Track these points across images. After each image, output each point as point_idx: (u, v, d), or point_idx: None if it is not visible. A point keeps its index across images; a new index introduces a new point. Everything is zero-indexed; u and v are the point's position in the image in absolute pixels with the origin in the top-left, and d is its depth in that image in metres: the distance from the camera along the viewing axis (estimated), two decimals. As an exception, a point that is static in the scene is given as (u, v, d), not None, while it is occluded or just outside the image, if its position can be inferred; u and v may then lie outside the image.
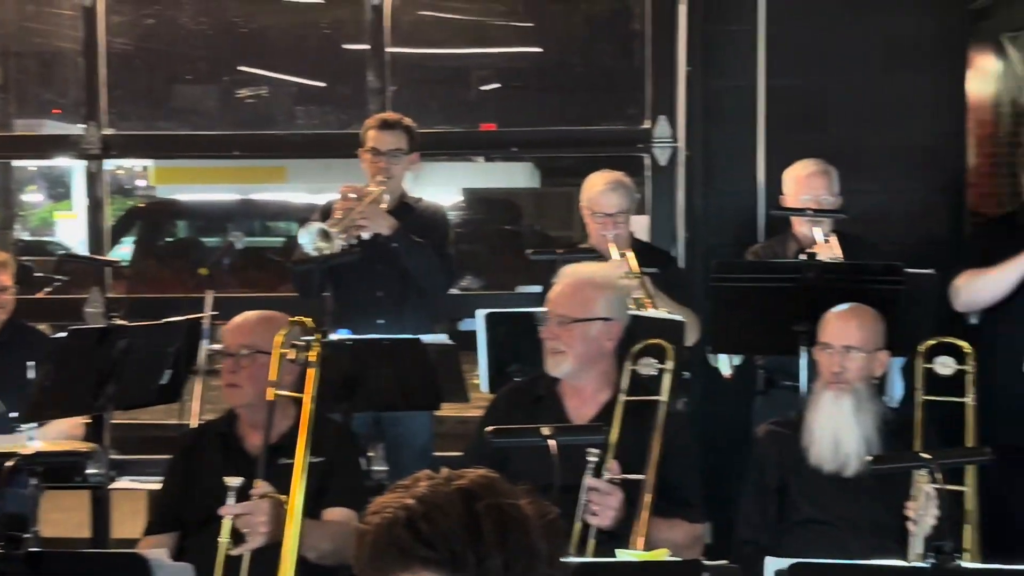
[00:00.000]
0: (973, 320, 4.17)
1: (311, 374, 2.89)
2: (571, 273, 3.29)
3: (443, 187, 12.68)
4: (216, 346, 3.55)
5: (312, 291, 4.13)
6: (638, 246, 4.18)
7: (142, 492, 3.92)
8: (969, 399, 3.26)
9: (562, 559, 1.58)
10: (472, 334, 3.91)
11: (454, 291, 4.89)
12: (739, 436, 4.21)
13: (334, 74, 5.52)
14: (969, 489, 3.05)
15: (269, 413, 2.85)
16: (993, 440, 3.38)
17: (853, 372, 3.16)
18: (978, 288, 3.93)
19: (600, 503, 2.87)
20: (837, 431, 3.13)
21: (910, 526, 2.92)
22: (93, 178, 5.26)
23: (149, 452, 4.34)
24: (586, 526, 2.88)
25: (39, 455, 3.88)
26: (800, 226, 4.10)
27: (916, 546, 2.87)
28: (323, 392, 3.28)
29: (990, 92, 8.84)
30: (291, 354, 2.97)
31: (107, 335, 3.64)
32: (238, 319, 3.20)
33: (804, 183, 4.18)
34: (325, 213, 4.15)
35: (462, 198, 12.87)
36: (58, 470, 3.94)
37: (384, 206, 4.09)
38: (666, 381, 3.10)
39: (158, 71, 5.36)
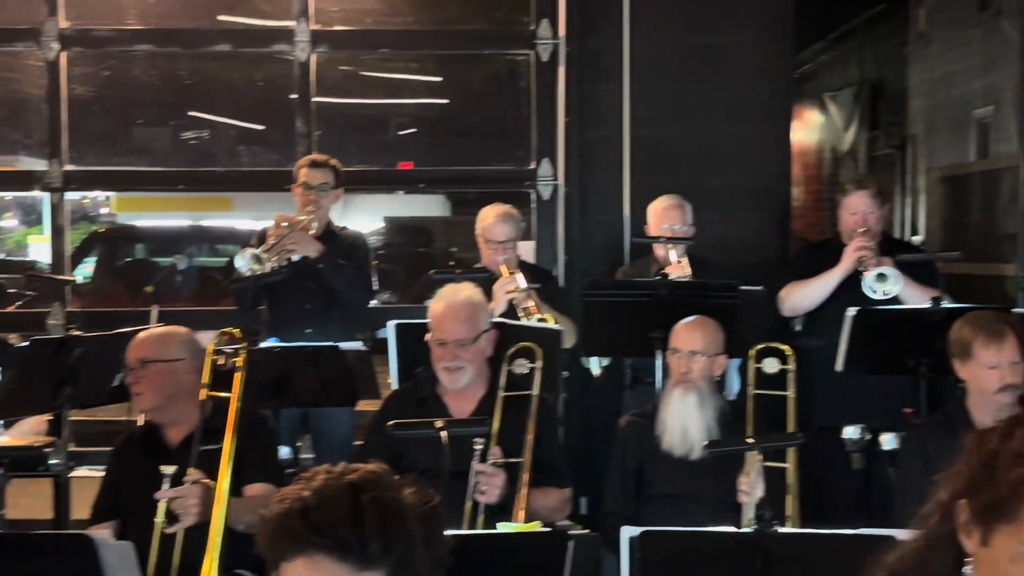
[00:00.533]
0: (797, 327, 4.28)
1: (238, 377, 2.87)
2: (451, 298, 3.22)
3: (368, 215, 12.65)
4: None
5: (248, 305, 4.06)
6: (524, 267, 4.18)
7: (98, 479, 3.85)
8: (790, 393, 3.32)
9: (440, 539, 1.55)
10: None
11: (375, 304, 4.84)
12: (611, 425, 4.25)
13: (269, 120, 5.44)
14: (790, 466, 3.10)
15: (202, 410, 2.81)
16: (810, 423, 3.47)
17: (697, 373, 3.21)
18: (799, 297, 4.03)
19: (487, 484, 2.88)
20: (684, 421, 3.18)
21: (742, 497, 2.97)
22: (56, 208, 5.12)
23: (104, 445, 4.21)
24: (476, 504, 2.89)
25: (5, 448, 3.79)
26: (659, 250, 4.17)
27: (747, 514, 2.92)
28: (254, 392, 3.26)
29: (815, 141, 9.14)
30: (221, 360, 2.96)
31: (65, 344, 3.56)
32: (138, 336, 3.11)
33: (662, 215, 4.24)
34: (261, 238, 4.10)
35: (383, 225, 12.78)
36: (23, 461, 3.87)
37: (312, 233, 4.05)
38: (537, 378, 3.12)
39: (114, 115, 5.23)
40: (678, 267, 4.02)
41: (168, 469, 2.69)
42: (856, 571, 1.64)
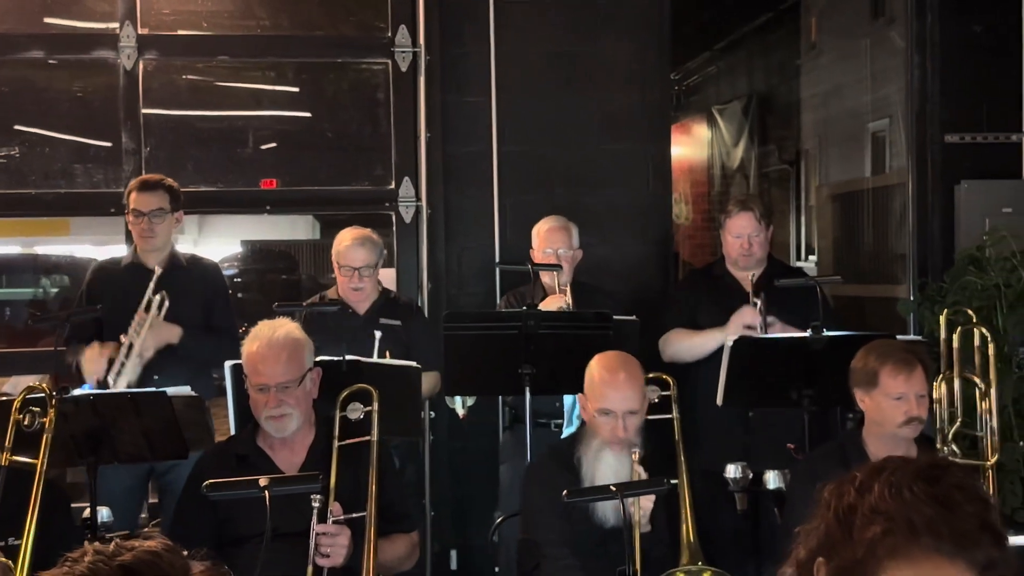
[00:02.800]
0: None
1: (45, 439, 2.76)
2: (268, 336, 3.08)
3: (224, 237, 12.30)
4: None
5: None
6: (388, 298, 4.17)
7: None
8: (675, 415, 3.31)
9: None
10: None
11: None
12: (486, 470, 4.20)
13: (95, 135, 5.23)
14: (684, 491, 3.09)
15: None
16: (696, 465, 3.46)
17: (632, 430, 3.13)
18: (678, 350, 4.12)
19: (330, 545, 2.79)
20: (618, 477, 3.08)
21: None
22: None
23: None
24: (318, 569, 2.78)
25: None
26: (544, 276, 4.17)
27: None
28: (67, 446, 3.08)
29: (703, 156, 9.34)
30: (26, 420, 2.79)
31: None
32: None
33: (546, 237, 4.27)
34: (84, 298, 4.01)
35: (241, 249, 12.48)
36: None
37: (160, 318, 3.86)
38: (374, 420, 3.01)
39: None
40: (558, 298, 4.04)
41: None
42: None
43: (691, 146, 9.35)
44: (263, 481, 2.44)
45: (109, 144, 5.00)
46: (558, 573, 3.10)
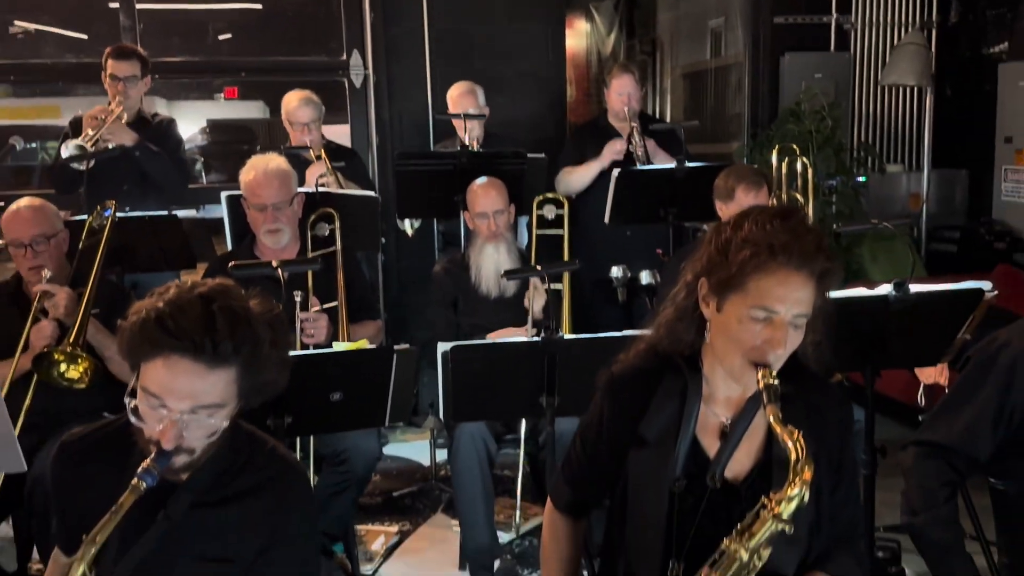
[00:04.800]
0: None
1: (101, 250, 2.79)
2: (263, 166, 3.03)
3: (193, 118, 11.74)
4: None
5: (65, 188, 3.71)
6: (329, 147, 4.02)
7: None
8: (565, 231, 3.44)
9: (285, 341, 1.58)
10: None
11: (203, 183, 4.58)
12: (424, 280, 4.27)
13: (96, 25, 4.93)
14: (565, 288, 3.20)
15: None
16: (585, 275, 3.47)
17: (502, 226, 3.26)
18: (570, 182, 4.09)
19: (313, 327, 2.83)
20: (498, 266, 3.22)
21: (525, 303, 3.10)
22: None
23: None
24: (305, 346, 2.82)
25: None
26: (460, 130, 4.08)
27: (529, 325, 3.04)
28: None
29: (583, 46, 9.21)
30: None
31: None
32: (19, 216, 2.75)
33: (458, 100, 4.19)
34: (75, 127, 3.70)
35: (207, 126, 11.97)
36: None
37: (124, 120, 3.68)
38: (336, 236, 3.08)
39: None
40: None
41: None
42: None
43: (573, 37, 9.21)
44: (275, 262, 2.47)
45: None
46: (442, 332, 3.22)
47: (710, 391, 1.58)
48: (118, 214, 3.05)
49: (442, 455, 3.85)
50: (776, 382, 1.45)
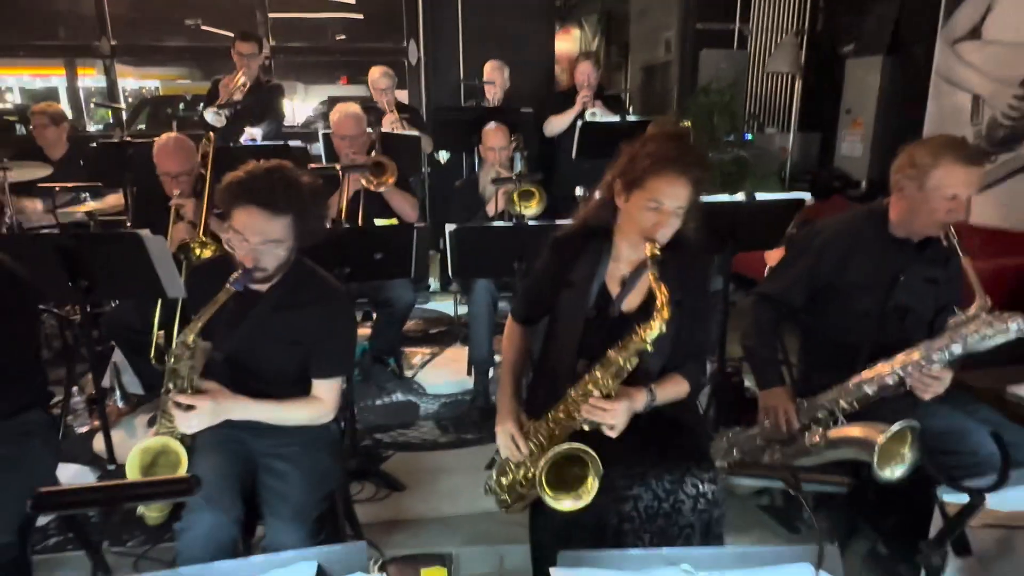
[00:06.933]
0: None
1: (210, 166, 2.56)
2: (345, 110, 2.92)
3: (318, 96, 11.38)
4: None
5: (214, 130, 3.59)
6: (399, 104, 4.00)
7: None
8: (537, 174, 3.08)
9: (322, 203, 1.56)
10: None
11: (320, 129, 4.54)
12: (457, 200, 4.16)
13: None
14: (536, 191, 2.94)
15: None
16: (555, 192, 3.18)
17: (504, 158, 3.05)
18: (553, 127, 3.97)
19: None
20: (498, 183, 2.97)
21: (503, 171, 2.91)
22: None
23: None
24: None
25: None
26: (488, 92, 4.02)
27: (494, 210, 2.91)
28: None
29: (575, 47, 9.15)
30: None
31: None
32: (166, 150, 2.49)
33: (490, 71, 4.06)
34: (212, 94, 3.71)
35: (327, 99, 11.74)
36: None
37: (246, 86, 3.68)
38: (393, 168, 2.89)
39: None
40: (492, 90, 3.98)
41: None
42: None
43: (569, 41, 9.19)
44: (338, 166, 2.48)
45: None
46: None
47: (617, 253, 1.54)
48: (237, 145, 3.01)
49: (462, 309, 3.77)
50: (659, 252, 1.41)
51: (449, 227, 2.35)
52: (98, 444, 2.40)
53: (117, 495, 0.82)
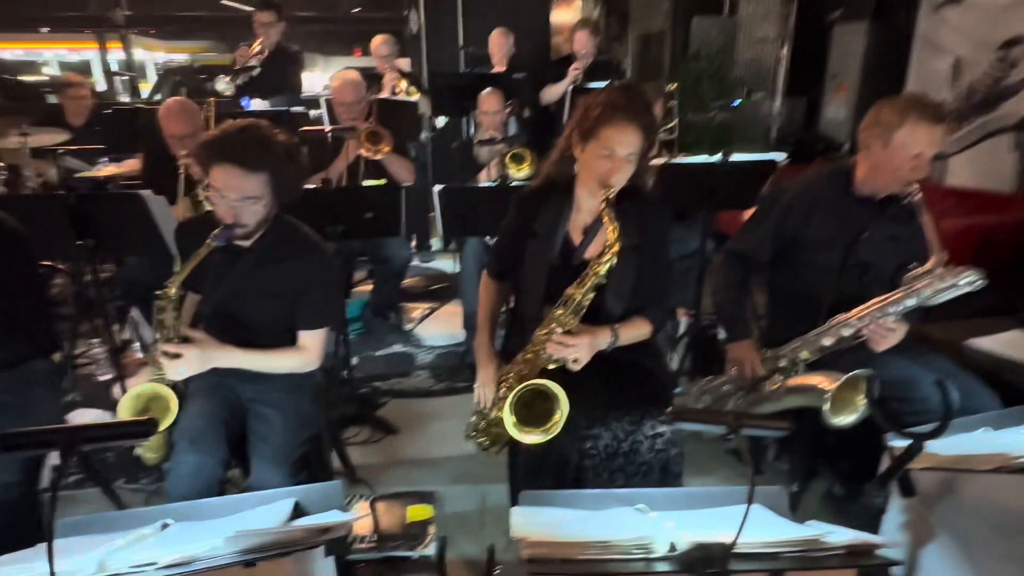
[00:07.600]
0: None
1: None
2: (344, 77, 2.88)
3: (335, 67, 11.01)
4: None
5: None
6: (401, 72, 3.94)
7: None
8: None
9: (299, 160, 1.52)
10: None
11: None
12: (448, 156, 3.79)
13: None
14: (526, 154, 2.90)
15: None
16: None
17: (499, 122, 3.01)
18: (548, 96, 3.91)
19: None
20: (493, 144, 2.95)
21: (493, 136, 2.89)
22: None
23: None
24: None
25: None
26: (493, 58, 3.92)
27: (487, 176, 2.87)
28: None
29: (576, 17, 8.82)
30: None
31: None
32: (171, 112, 2.42)
33: (493, 40, 3.94)
34: (235, 62, 3.67)
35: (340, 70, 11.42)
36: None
37: (264, 54, 3.64)
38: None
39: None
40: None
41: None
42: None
43: (570, 12, 8.88)
44: (327, 128, 2.49)
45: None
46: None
47: (578, 204, 1.54)
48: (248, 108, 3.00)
49: (460, 267, 3.76)
50: (612, 197, 1.41)
51: (436, 188, 2.32)
52: (118, 392, 2.46)
53: (76, 436, 0.80)
